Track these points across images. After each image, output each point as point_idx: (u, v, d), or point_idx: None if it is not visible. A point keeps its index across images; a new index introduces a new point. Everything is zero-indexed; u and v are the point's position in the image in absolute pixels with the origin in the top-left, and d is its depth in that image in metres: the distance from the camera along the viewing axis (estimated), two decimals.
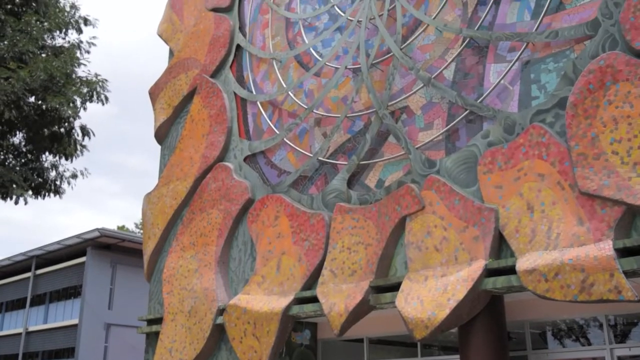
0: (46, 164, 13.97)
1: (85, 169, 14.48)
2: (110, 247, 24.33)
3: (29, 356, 25.49)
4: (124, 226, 38.63)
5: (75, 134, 13.49)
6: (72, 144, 13.45)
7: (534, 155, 6.28)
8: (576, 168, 5.89)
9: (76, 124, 13.45)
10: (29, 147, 13.75)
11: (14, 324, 27.43)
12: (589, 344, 6.83)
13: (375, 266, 7.16)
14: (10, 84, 11.90)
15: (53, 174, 14.01)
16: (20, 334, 26.12)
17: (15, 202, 13.13)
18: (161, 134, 11.09)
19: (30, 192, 13.71)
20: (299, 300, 7.81)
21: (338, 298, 7.23)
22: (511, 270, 6.06)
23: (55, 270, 25.52)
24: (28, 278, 26.82)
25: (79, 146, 13.63)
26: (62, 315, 24.70)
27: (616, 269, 5.26)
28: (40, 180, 13.83)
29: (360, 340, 8.62)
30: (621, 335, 6.67)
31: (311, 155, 8.62)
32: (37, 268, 26.52)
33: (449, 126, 7.23)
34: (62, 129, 13.36)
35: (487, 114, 6.85)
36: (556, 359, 6.94)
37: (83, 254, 24.15)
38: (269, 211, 8.66)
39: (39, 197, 13.99)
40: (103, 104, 13.42)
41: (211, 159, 9.76)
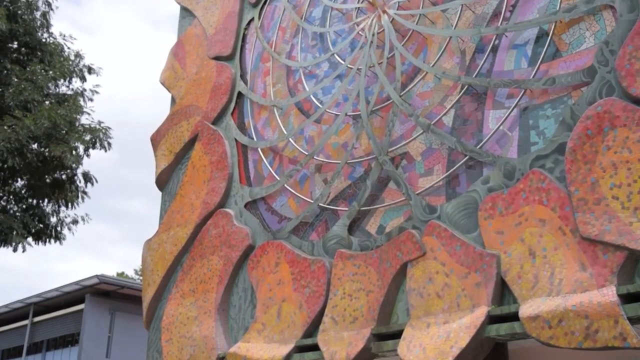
0: (47, 209, 14.00)
1: (86, 214, 14.52)
2: (109, 294, 24.11)
3: None
4: (123, 273, 38.38)
5: (77, 181, 13.56)
6: (74, 191, 13.50)
7: (534, 200, 6.29)
8: (577, 213, 5.89)
9: (78, 170, 13.54)
10: (30, 193, 13.80)
11: None
12: None
13: (377, 313, 7.09)
14: (15, 131, 12.02)
15: (54, 219, 14.02)
16: None
17: (14, 250, 13.11)
18: (162, 181, 11.13)
19: (31, 239, 13.69)
20: (300, 348, 7.69)
21: (339, 346, 7.13)
22: (514, 317, 5.98)
23: (53, 317, 25.22)
24: (25, 326, 26.49)
25: (81, 193, 13.68)
26: None
27: (621, 315, 5.21)
28: (40, 226, 13.83)
29: None
30: None
31: (312, 201, 8.63)
32: (35, 315, 26.22)
33: (449, 172, 7.26)
34: (64, 176, 13.44)
35: (487, 160, 6.88)
36: None
37: (81, 301, 23.91)
38: (269, 258, 8.62)
39: (40, 243, 13.96)
40: (106, 150, 13.54)
41: (212, 205, 9.76)
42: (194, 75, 11.24)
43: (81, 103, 13.88)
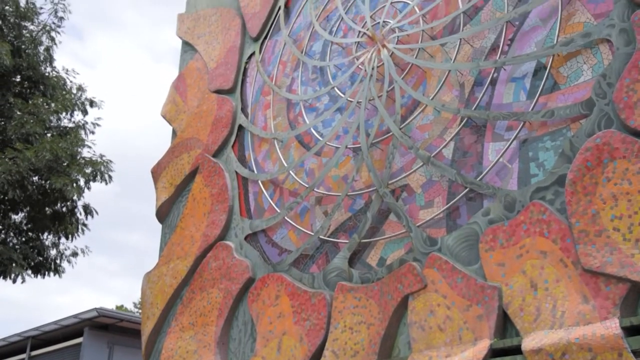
0: (47, 242, 13.95)
1: (86, 247, 14.47)
2: (108, 327, 23.87)
3: None
4: (122, 306, 38.06)
5: (77, 213, 13.55)
6: (74, 223, 13.48)
7: (535, 232, 6.28)
8: (578, 245, 5.88)
9: (79, 203, 13.53)
10: (30, 226, 13.77)
11: None
12: None
13: (378, 346, 7.02)
14: (16, 163, 12.06)
15: (53, 252, 13.96)
16: None
17: (14, 281, 13.03)
18: (162, 213, 11.12)
19: (30, 271, 13.62)
20: None
21: None
22: (517, 350, 5.93)
23: (51, 351, 24.93)
24: None
25: (81, 225, 13.66)
26: None
27: (624, 348, 5.17)
28: (40, 258, 13.77)
29: None
30: None
31: (312, 233, 8.62)
32: (33, 349, 25.91)
33: (450, 204, 7.27)
34: (65, 208, 13.43)
35: (487, 192, 6.89)
36: None
37: (80, 334, 23.65)
38: (269, 290, 8.57)
39: (39, 276, 13.88)
40: (107, 183, 13.56)
41: (212, 237, 9.75)
42: (195, 108, 11.32)
43: (83, 136, 13.95)
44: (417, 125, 7.98)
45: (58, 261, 13.99)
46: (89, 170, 13.28)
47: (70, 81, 14.78)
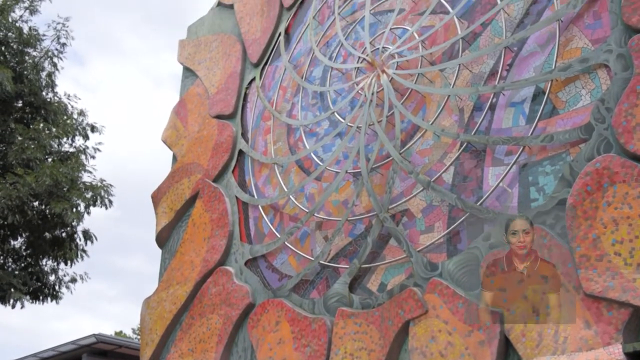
0: (46, 267, 13.87)
1: (85, 273, 14.40)
2: (107, 354, 23.62)
3: None
4: (121, 331, 37.74)
5: (77, 239, 13.49)
6: (74, 249, 13.42)
7: (536, 257, 6.26)
8: (579, 270, 5.85)
9: (78, 228, 13.48)
10: (29, 251, 13.71)
11: None
12: None
13: None
14: (16, 188, 12.05)
15: (52, 278, 13.88)
16: None
17: (12, 306, 12.94)
18: (162, 238, 11.09)
19: (28, 297, 13.52)
20: None
21: None
22: None
23: None
24: None
25: (80, 252, 13.59)
26: None
27: None
28: (39, 284, 13.69)
29: None
30: None
31: (312, 259, 8.58)
32: None
33: (450, 229, 7.25)
34: (64, 234, 13.38)
35: (487, 217, 6.88)
36: None
37: None
38: (269, 316, 8.51)
39: (37, 302, 13.79)
40: (107, 208, 13.53)
41: (212, 263, 9.71)
42: (196, 134, 11.36)
43: (84, 161, 13.96)
44: (417, 150, 8.00)
45: (57, 287, 13.91)
46: (89, 195, 13.26)
47: (72, 106, 14.84)
